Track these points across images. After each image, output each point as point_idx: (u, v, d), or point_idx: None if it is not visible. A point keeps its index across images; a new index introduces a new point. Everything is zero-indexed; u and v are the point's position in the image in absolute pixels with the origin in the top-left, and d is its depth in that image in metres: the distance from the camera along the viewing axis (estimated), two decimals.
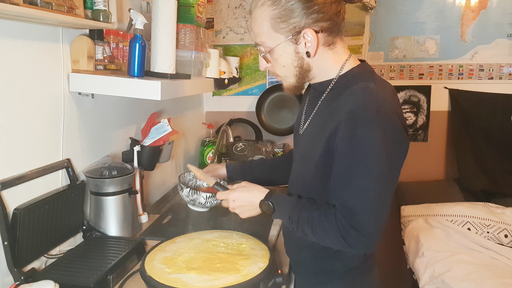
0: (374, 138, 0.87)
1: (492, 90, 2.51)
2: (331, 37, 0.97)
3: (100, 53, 1.29)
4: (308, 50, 0.96)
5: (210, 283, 0.93)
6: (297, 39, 0.95)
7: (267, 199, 1.03)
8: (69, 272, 1.07)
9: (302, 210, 0.98)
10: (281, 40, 0.96)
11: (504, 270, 1.88)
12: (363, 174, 0.89)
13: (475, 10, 2.46)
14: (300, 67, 0.99)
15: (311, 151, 1.02)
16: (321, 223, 0.94)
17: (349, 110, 0.90)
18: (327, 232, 0.94)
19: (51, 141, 1.22)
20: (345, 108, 0.92)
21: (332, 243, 0.96)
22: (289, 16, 0.93)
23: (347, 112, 0.90)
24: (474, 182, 2.49)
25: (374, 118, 0.88)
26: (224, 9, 2.63)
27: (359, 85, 0.94)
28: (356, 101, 0.91)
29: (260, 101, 2.63)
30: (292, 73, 1.01)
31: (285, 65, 1.00)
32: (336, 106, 0.96)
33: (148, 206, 1.78)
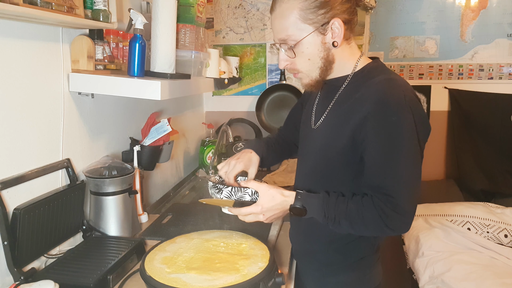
0: (406, 123, 0.92)
1: (492, 90, 2.51)
2: (349, 31, 1.01)
3: (100, 53, 1.29)
4: (335, 40, 0.98)
5: (210, 283, 0.93)
6: (325, 30, 0.97)
7: (297, 203, 1.01)
8: (69, 272, 1.07)
9: (337, 205, 0.98)
10: (309, 31, 0.97)
11: (504, 270, 1.88)
12: (400, 159, 0.93)
13: (475, 10, 2.46)
14: (325, 58, 1.00)
15: (333, 143, 1.03)
16: (359, 214, 0.95)
17: (378, 100, 0.94)
18: (367, 222, 0.95)
19: (51, 141, 1.22)
20: (371, 99, 0.95)
21: (371, 230, 0.98)
22: (319, 7, 0.95)
23: (376, 103, 0.94)
24: (474, 182, 2.49)
25: (403, 105, 0.92)
26: (224, 9, 2.63)
27: (382, 77, 0.98)
28: (384, 91, 0.94)
29: (260, 101, 2.63)
30: (317, 65, 1.01)
31: (311, 57, 1.00)
32: (359, 98, 0.98)
33: (148, 206, 1.78)
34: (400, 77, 1.01)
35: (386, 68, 1.03)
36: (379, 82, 0.97)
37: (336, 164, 1.03)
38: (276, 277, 1.00)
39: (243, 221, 1.06)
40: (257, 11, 2.55)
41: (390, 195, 0.93)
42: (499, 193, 2.47)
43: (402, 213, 0.93)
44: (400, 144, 0.93)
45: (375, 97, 0.94)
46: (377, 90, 0.95)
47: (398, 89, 0.95)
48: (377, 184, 0.95)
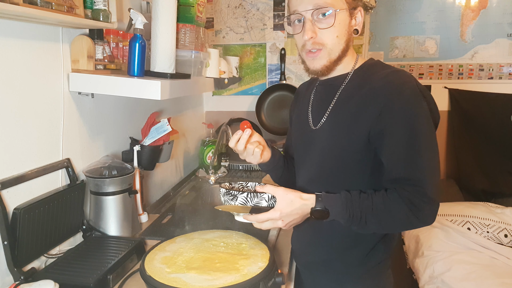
0: (423, 111, 0.93)
1: (492, 90, 2.51)
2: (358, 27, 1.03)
3: (100, 52, 1.29)
4: (357, 28, 1.01)
5: (210, 282, 0.93)
6: (353, 14, 1.00)
7: (318, 205, 0.96)
8: (69, 271, 1.07)
9: (361, 202, 0.94)
10: (344, 7, 0.97)
11: (504, 270, 1.88)
12: (422, 148, 0.92)
13: (475, 10, 2.46)
14: (347, 42, 1.01)
15: (343, 142, 1.00)
16: (387, 208, 0.93)
17: (392, 92, 0.93)
18: (395, 215, 0.93)
19: (51, 141, 1.22)
20: (383, 92, 0.94)
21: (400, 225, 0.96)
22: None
23: (391, 94, 0.93)
24: (474, 182, 2.49)
25: (418, 93, 0.93)
26: (224, 8, 2.63)
27: (387, 71, 0.98)
28: (396, 82, 0.94)
29: (260, 101, 2.63)
30: (341, 46, 1.00)
31: (339, 34, 0.99)
32: (368, 93, 0.97)
33: (148, 206, 1.78)
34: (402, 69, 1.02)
35: (385, 64, 1.04)
36: (387, 75, 0.96)
37: (349, 163, 1.01)
38: (276, 277, 1.00)
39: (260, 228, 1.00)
40: (257, 11, 2.55)
41: (416, 185, 0.91)
42: (499, 193, 2.46)
43: (431, 202, 0.92)
44: (421, 133, 0.92)
45: (387, 89, 0.94)
46: (388, 82, 0.95)
47: (409, 78, 0.95)
48: (402, 176, 0.93)
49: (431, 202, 0.92)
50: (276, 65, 2.60)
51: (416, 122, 0.92)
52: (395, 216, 0.93)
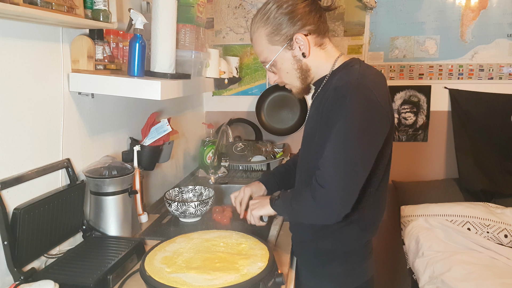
0: (350, 108, 0.97)
1: (492, 90, 2.50)
2: (319, 38, 1.11)
3: (100, 52, 1.29)
4: (303, 51, 1.10)
5: (210, 282, 0.93)
6: (291, 45, 1.10)
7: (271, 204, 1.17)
8: (69, 272, 1.07)
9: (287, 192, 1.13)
10: (279, 50, 1.11)
11: (504, 270, 1.88)
12: (335, 139, 0.98)
13: (475, 10, 2.46)
14: (300, 68, 1.13)
15: (310, 137, 1.12)
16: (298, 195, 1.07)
17: (334, 88, 1.03)
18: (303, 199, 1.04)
19: (51, 141, 1.22)
20: (331, 89, 1.04)
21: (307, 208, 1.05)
22: (279, 29, 1.09)
23: (333, 89, 1.03)
24: (474, 182, 2.49)
25: (352, 91, 0.98)
26: (224, 9, 2.63)
27: (344, 71, 1.08)
28: (340, 79, 1.04)
29: (260, 101, 2.63)
30: (295, 76, 1.14)
31: (288, 71, 1.13)
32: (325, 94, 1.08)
33: (148, 206, 1.78)
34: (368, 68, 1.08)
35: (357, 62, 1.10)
36: (341, 73, 1.07)
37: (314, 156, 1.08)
38: (276, 277, 1.00)
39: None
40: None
41: (321, 170, 0.99)
42: (499, 193, 2.46)
43: (329, 188, 0.97)
44: (338, 126, 0.97)
45: (333, 86, 1.04)
46: (336, 81, 1.05)
47: (353, 76, 1.01)
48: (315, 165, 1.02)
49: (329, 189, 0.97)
50: None
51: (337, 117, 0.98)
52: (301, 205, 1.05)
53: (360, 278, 1.18)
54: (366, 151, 1.00)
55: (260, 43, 1.13)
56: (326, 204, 0.99)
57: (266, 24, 1.10)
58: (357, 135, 0.97)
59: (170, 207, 1.52)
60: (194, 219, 1.56)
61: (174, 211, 1.52)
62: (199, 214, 1.54)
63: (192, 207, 1.49)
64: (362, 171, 1.00)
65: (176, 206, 1.50)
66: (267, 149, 2.42)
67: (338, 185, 0.97)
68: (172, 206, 1.51)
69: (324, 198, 0.99)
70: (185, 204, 1.49)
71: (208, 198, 1.55)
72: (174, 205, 1.50)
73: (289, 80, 1.16)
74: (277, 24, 1.08)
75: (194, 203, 1.49)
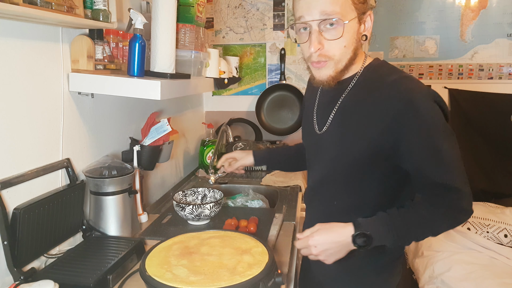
0: (437, 114, 0.92)
1: (492, 90, 2.51)
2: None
3: (100, 52, 1.29)
4: (366, 34, 0.97)
5: (210, 282, 0.93)
6: (362, 19, 0.95)
7: (359, 231, 0.94)
8: (68, 271, 1.07)
9: (404, 219, 0.94)
10: (353, 16, 0.93)
11: (504, 270, 1.88)
12: (445, 149, 0.92)
13: (475, 10, 2.46)
14: (355, 50, 0.97)
15: (351, 148, 0.99)
16: (435, 214, 0.94)
17: (404, 100, 0.91)
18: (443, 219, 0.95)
19: (51, 141, 1.22)
20: (394, 100, 0.92)
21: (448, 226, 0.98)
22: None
23: (404, 102, 0.90)
24: (474, 182, 2.49)
25: (427, 97, 0.92)
26: (224, 8, 2.63)
27: (395, 77, 0.95)
28: (405, 90, 0.92)
29: (260, 101, 2.63)
30: (348, 55, 0.96)
31: (347, 44, 0.95)
32: (377, 101, 0.95)
33: (148, 206, 1.78)
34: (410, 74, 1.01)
35: (392, 66, 1.02)
36: (395, 82, 0.94)
37: (358, 168, 1.00)
38: (276, 277, 1.00)
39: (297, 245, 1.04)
40: (257, 11, 2.55)
41: (450, 189, 0.92)
42: (499, 193, 2.47)
43: (467, 196, 0.94)
44: (439, 134, 0.92)
45: (397, 98, 0.92)
46: (397, 91, 0.92)
47: (418, 84, 0.94)
48: (435, 181, 0.93)
49: (468, 197, 0.95)
50: (276, 65, 2.60)
51: (434, 126, 0.91)
52: (444, 221, 0.96)
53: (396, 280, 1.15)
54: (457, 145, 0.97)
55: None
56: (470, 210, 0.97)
57: None
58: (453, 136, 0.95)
59: (183, 211, 1.46)
60: (206, 221, 1.52)
61: (188, 214, 1.45)
62: (213, 215, 1.50)
63: (207, 208, 1.45)
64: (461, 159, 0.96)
65: (191, 209, 1.44)
66: None
67: (470, 189, 0.95)
68: (186, 210, 1.44)
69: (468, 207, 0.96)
70: (201, 207, 1.44)
71: (221, 199, 1.52)
72: (189, 209, 1.44)
73: (339, 54, 0.95)
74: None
75: (209, 205, 1.45)
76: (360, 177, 1.01)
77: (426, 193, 0.95)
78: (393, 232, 0.93)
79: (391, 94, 0.93)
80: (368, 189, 1.01)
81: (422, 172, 0.94)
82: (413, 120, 0.90)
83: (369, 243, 0.93)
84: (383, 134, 0.93)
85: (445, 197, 0.93)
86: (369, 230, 0.93)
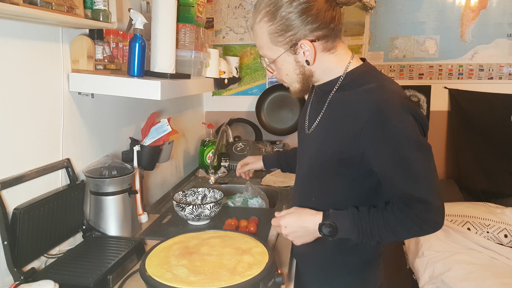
0: (407, 123, 0.93)
1: (492, 90, 2.51)
2: (329, 42, 1.01)
3: (100, 52, 1.29)
4: (307, 59, 1.00)
5: (210, 282, 0.93)
6: (295, 50, 1.00)
7: (326, 221, 1.01)
8: (68, 272, 1.07)
9: (372, 219, 0.98)
10: (281, 52, 1.00)
11: (504, 270, 1.88)
12: (413, 160, 0.93)
13: (475, 10, 2.46)
14: (302, 74, 1.04)
15: (326, 148, 1.04)
16: (399, 222, 0.95)
17: (373, 110, 0.93)
18: (407, 228, 0.95)
19: (51, 141, 1.22)
20: (365, 108, 0.95)
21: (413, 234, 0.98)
22: (285, 30, 0.97)
23: (372, 112, 0.93)
24: (474, 182, 2.49)
25: (399, 109, 0.93)
26: (224, 9, 2.63)
27: (372, 85, 0.98)
28: (378, 99, 0.94)
29: (260, 101, 2.63)
30: (295, 79, 1.05)
31: (288, 73, 1.05)
32: (352, 106, 0.98)
33: (148, 206, 1.78)
34: (392, 82, 1.02)
35: (376, 72, 1.04)
36: (371, 91, 0.97)
37: (331, 169, 1.04)
38: (276, 277, 1.00)
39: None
40: None
41: (419, 201, 0.93)
42: (499, 193, 2.46)
43: (435, 209, 0.94)
44: (408, 145, 0.93)
45: (369, 106, 0.94)
46: (370, 100, 0.95)
47: (392, 95, 0.95)
48: (403, 192, 0.95)
49: (436, 209, 0.94)
50: None
51: (401, 136, 0.92)
52: (410, 229, 0.96)
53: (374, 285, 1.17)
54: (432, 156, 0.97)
55: (261, 37, 1.01)
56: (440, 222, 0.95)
57: (271, 20, 0.97)
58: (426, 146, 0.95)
59: (183, 211, 1.46)
60: (206, 221, 1.53)
61: (188, 214, 1.46)
62: (213, 215, 1.50)
63: (207, 208, 1.45)
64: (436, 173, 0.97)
65: (191, 209, 1.45)
66: (267, 149, 2.42)
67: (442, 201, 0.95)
68: (186, 210, 1.45)
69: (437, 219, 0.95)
70: (201, 207, 1.44)
71: (221, 199, 1.53)
72: (189, 209, 1.44)
73: (288, 80, 1.07)
74: (283, 25, 0.96)
75: (209, 205, 1.45)
76: (333, 178, 1.05)
77: (395, 201, 0.97)
78: (358, 228, 0.98)
79: (364, 103, 0.96)
80: (342, 190, 1.05)
81: (390, 181, 0.96)
82: (382, 130, 0.93)
83: (334, 233, 1.00)
84: (353, 140, 0.96)
85: (412, 206, 0.93)
86: (336, 221, 0.99)
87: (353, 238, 1.00)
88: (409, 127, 0.93)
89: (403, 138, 0.92)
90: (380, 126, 0.93)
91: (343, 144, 0.99)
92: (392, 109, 0.93)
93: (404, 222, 0.95)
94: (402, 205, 0.95)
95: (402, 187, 0.94)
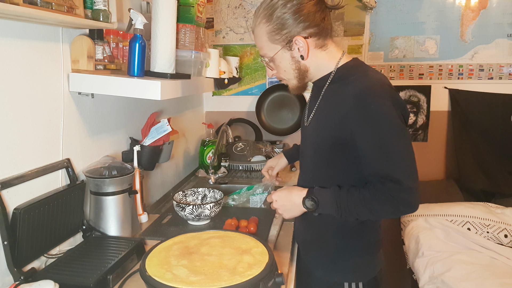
0: (386, 107, 1.02)
1: (492, 90, 2.51)
2: (321, 40, 1.12)
3: (100, 53, 1.29)
4: (302, 54, 1.12)
5: (210, 282, 0.93)
6: (290, 46, 1.11)
7: (309, 196, 1.12)
8: (69, 272, 1.07)
9: (350, 195, 1.07)
10: (278, 49, 1.12)
11: (504, 270, 1.88)
12: (391, 142, 1.02)
13: (475, 10, 2.46)
14: (298, 69, 1.15)
15: (319, 140, 1.14)
16: (375, 200, 1.04)
17: (355, 95, 1.03)
18: (383, 206, 1.04)
19: (51, 141, 1.22)
20: (349, 95, 1.05)
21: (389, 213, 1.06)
22: (281, 29, 1.10)
23: (354, 97, 1.03)
24: (474, 182, 2.49)
25: (380, 92, 1.03)
26: (224, 9, 2.63)
27: (358, 75, 1.08)
28: (360, 85, 1.04)
29: (260, 101, 2.63)
30: (292, 75, 1.16)
31: (286, 69, 1.16)
32: (340, 97, 1.09)
33: (148, 206, 1.78)
34: (376, 72, 1.11)
35: (363, 65, 1.13)
36: (355, 79, 1.07)
37: (328, 156, 1.13)
38: (276, 277, 1.00)
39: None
40: None
41: (394, 181, 1.01)
42: (499, 193, 2.46)
43: (408, 189, 1.01)
44: (387, 128, 1.01)
45: (352, 93, 1.04)
46: (353, 87, 1.05)
47: (373, 81, 1.05)
48: (378, 171, 1.03)
49: (409, 190, 1.01)
50: None
51: (380, 119, 1.01)
52: (384, 207, 1.04)
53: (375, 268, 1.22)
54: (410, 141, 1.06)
55: (260, 38, 1.14)
56: (413, 204, 1.02)
57: (269, 21, 1.10)
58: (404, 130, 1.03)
59: (183, 211, 1.46)
60: (206, 221, 1.53)
61: (188, 214, 1.46)
62: (213, 215, 1.51)
63: (207, 209, 1.46)
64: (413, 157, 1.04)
65: (191, 210, 1.45)
66: (267, 149, 2.42)
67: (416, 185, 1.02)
68: (186, 210, 1.45)
69: (410, 200, 1.02)
70: (201, 207, 1.45)
71: (221, 199, 1.53)
72: (189, 209, 1.45)
73: (286, 77, 1.18)
74: (279, 24, 1.09)
75: (209, 205, 1.46)
76: (327, 164, 1.15)
77: (372, 180, 1.05)
78: (337, 204, 1.08)
79: (349, 91, 1.06)
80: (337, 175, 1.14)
81: (367, 161, 1.05)
82: (363, 113, 1.02)
83: (316, 207, 1.11)
84: (342, 123, 1.06)
85: (385, 185, 1.02)
86: (318, 196, 1.11)
87: (333, 213, 1.10)
88: (388, 111, 1.01)
89: (382, 120, 1.01)
90: (362, 108, 1.02)
91: (335, 129, 1.08)
92: (373, 94, 1.02)
93: (378, 199, 1.03)
94: (377, 183, 1.03)
95: (378, 167, 1.03)
